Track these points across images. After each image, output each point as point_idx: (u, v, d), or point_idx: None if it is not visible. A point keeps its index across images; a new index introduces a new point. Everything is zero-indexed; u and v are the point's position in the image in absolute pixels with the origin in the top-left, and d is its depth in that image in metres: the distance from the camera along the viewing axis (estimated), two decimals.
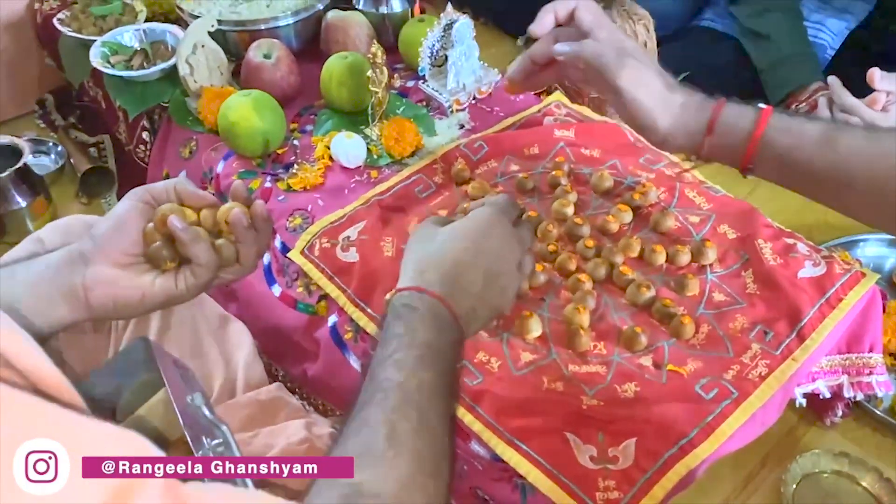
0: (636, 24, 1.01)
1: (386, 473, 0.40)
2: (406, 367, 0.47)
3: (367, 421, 0.43)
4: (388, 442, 0.41)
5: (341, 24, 1.05)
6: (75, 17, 1.14)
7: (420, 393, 0.45)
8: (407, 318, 0.51)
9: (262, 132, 0.92)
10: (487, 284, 0.56)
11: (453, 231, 0.58)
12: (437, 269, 0.55)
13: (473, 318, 0.55)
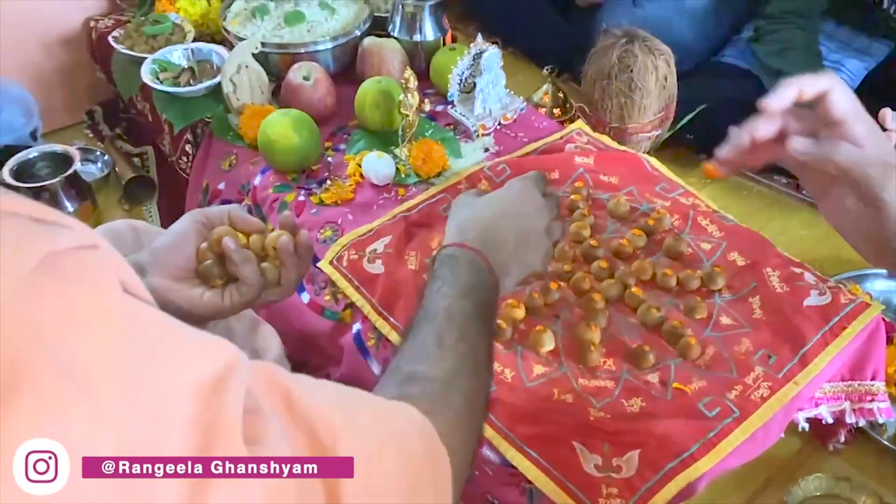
0: (657, 58, 1.05)
1: (434, 366, 0.49)
2: (449, 297, 0.56)
3: (419, 334, 0.52)
4: (436, 346, 0.51)
5: (377, 49, 1.11)
6: (129, 36, 1.22)
7: (462, 316, 0.54)
8: (450, 265, 0.59)
9: (298, 149, 0.98)
10: (518, 243, 0.64)
11: (490, 198, 0.68)
12: (475, 229, 0.63)
13: (507, 272, 0.63)
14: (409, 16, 1.15)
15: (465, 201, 0.69)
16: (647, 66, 1.04)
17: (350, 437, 0.34)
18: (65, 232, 0.27)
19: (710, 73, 1.33)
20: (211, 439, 0.29)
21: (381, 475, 0.36)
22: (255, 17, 1.16)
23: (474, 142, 1.06)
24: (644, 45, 1.05)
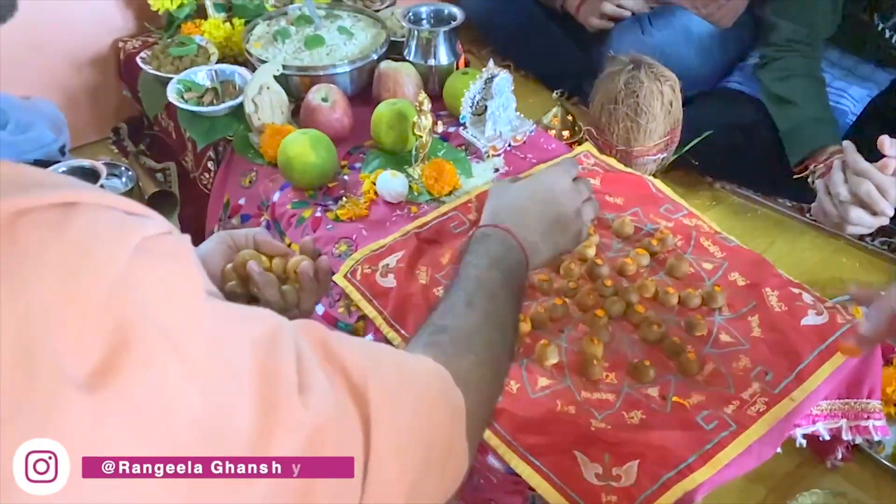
0: (663, 84, 1.09)
1: (461, 320, 0.56)
2: (481, 268, 0.62)
3: (451, 297, 0.59)
4: (465, 306, 0.57)
5: (392, 73, 1.16)
6: (155, 57, 1.27)
7: (490, 283, 0.61)
8: (483, 241, 0.66)
9: (316, 167, 1.02)
10: (549, 224, 0.72)
11: (522, 184, 0.76)
12: (507, 211, 0.71)
13: (537, 250, 0.70)
14: (424, 41, 1.20)
15: (500, 187, 0.76)
16: (653, 91, 1.08)
17: (376, 377, 0.39)
18: (150, 221, 0.32)
19: (717, 99, 1.37)
20: (272, 389, 0.33)
21: (403, 408, 0.41)
22: (276, 40, 1.21)
23: (485, 162, 1.10)
24: (650, 72, 1.09)
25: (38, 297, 0.27)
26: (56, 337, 0.27)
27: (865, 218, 1.01)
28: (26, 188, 0.28)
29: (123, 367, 0.28)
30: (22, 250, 0.27)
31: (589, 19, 1.55)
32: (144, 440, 0.29)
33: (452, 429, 0.45)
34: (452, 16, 1.23)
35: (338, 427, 0.36)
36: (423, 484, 0.41)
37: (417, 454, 0.40)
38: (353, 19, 1.28)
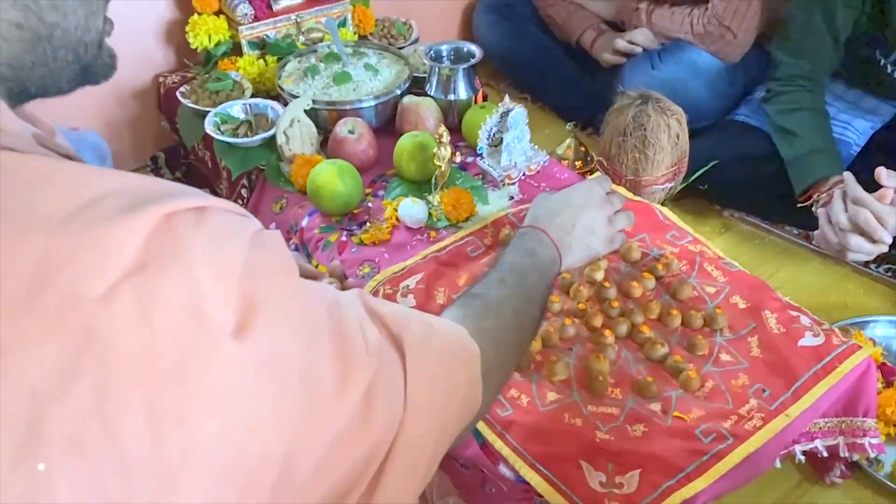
0: (669, 118, 1.15)
1: (493, 292, 0.66)
2: (515, 255, 0.74)
3: (486, 277, 0.69)
4: (498, 282, 0.68)
5: (414, 107, 1.24)
6: (194, 91, 1.36)
7: (522, 267, 0.72)
8: (520, 238, 0.79)
9: (342, 195, 1.09)
10: (581, 227, 0.83)
11: (560, 194, 0.88)
12: (545, 216, 0.83)
13: (570, 249, 0.81)
14: (445, 77, 1.27)
15: (542, 197, 0.89)
16: (660, 124, 1.14)
17: (408, 327, 0.49)
18: (252, 220, 0.41)
19: (724, 131, 1.42)
20: (345, 345, 0.43)
21: (430, 353, 0.49)
22: (306, 76, 1.29)
23: (500, 190, 1.16)
24: (657, 106, 1.15)
25: (197, 273, 0.35)
26: (214, 302, 0.35)
27: (865, 245, 1.06)
28: (170, 195, 0.36)
29: (254, 325, 0.36)
30: (180, 241, 0.35)
31: (602, 55, 1.62)
32: (269, 380, 0.37)
33: (469, 373, 0.54)
34: (471, 53, 1.31)
35: (388, 368, 0.45)
36: (446, 413, 0.50)
37: (442, 389, 0.50)
38: (379, 56, 1.36)
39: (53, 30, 0.43)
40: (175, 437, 0.34)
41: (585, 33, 1.67)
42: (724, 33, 1.43)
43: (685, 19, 1.48)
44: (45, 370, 0.32)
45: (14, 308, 0.32)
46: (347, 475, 0.42)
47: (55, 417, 0.32)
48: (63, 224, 0.33)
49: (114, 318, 0.33)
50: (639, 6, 1.56)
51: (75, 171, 0.37)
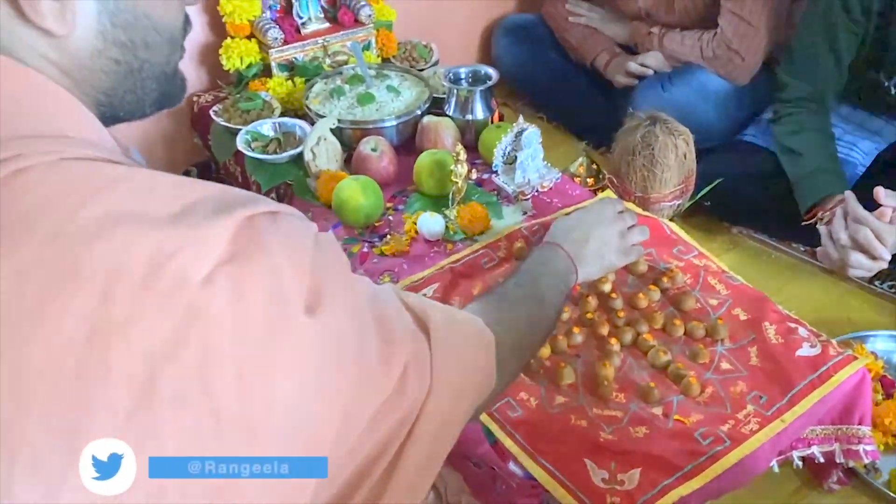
0: (677, 138, 1.20)
1: (509, 292, 0.74)
2: (531, 265, 0.83)
3: (505, 280, 0.78)
4: (514, 284, 0.76)
5: (434, 126, 1.30)
6: (226, 110, 1.44)
7: (536, 274, 0.80)
8: (537, 251, 0.88)
9: (365, 208, 1.16)
10: (594, 241, 0.90)
11: (575, 213, 0.98)
12: (561, 233, 0.91)
13: (585, 261, 0.88)
14: (463, 98, 1.34)
15: (558, 221, 0.97)
16: (668, 144, 1.19)
17: (432, 314, 0.56)
18: (313, 223, 0.48)
19: (733, 151, 1.47)
20: (386, 328, 0.50)
21: (451, 335, 0.56)
22: (332, 97, 1.37)
23: (514, 206, 1.22)
24: (665, 127, 1.20)
25: (276, 262, 0.42)
26: (290, 286, 0.42)
27: (864, 262, 1.10)
28: (251, 201, 0.44)
29: (321, 307, 0.44)
30: (261, 238, 0.42)
31: (616, 76, 1.68)
32: (331, 353, 0.45)
33: (485, 357, 0.61)
34: (488, 76, 1.38)
35: (418, 349, 0.53)
36: (464, 390, 0.57)
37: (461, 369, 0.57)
38: (401, 78, 1.43)
39: (143, 64, 0.51)
40: (258, 395, 0.41)
41: (600, 56, 1.73)
42: (733, 57, 1.49)
43: (695, 43, 1.54)
44: (158, 338, 0.39)
45: (134, 288, 0.39)
46: (384, 438, 0.49)
47: (165, 377, 0.39)
48: (170, 223, 0.41)
49: (212, 297, 0.40)
50: (651, 30, 1.62)
51: (173, 181, 0.44)
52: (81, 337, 0.38)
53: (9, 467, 0.37)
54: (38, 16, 0.44)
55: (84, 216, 0.40)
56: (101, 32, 0.47)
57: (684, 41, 1.56)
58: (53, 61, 0.46)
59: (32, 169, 0.41)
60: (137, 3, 0.49)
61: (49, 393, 0.37)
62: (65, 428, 0.38)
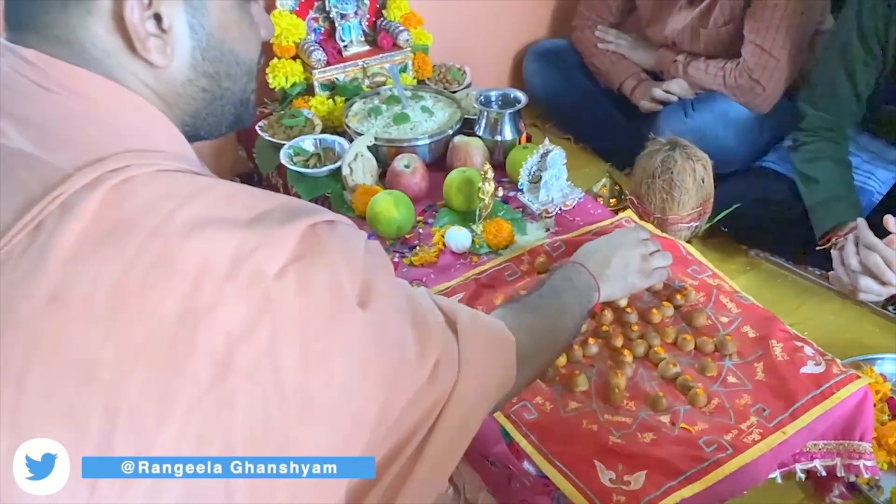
0: (695, 163, 1.26)
1: (532, 301, 0.83)
2: (554, 278, 0.90)
3: (531, 293, 0.86)
4: (537, 295, 0.85)
5: (464, 146, 1.38)
6: (271, 125, 1.54)
7: (559, 287, 0.88)
8: (562, 269, 0.94)
9: (396, 221, 1.24)
10: (616, 262, 0.97)
11: (601, 238, 1.05)
12: (584, 254, 0.98)
13: (607, 281, 0.95)
14: (493, 120, 1.42)
15: (586, 244, 1.03)
16: (686, 169, 1.25)
17: (460, 317, 0.63)
18: (363, 232, 0.55)
19: (752, 176, 1.52)
20: (422, 327, 0.57)
21: (477, 334, 0.63)
22: (370, 116, 1.45)
23: (538, 222, 1.29)
24: (684, 152, 1.26)
25: (337, 263, 0.50)
26: (346, 282, 0.50)
27: (874, 287, 1.14)
28: (313, 211, 0.51)
29: (371, 302, 0.52)
30: (322, 242, 0.50)
31: (641, 101, 1.75)
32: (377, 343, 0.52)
33: (505, 356, 0.68)
34: (517, 99, 1.45)
35: (448, 345, 0.60)
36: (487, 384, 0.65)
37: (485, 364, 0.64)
38: (434, 100, 1.52)
39: (225, 92, 0.59)
40: (316, 373, 0.48)
41: (626, 81, 1.80)
42: (754, 86, 1.54)
43: (718, 72, 1.59)
44: (237, 321, 0.46)
45: (219, 279, 0.46)
46: (416, 421, 0.57)
47: (241, 354, 0.46)
48: (249, 226, 0.48)
49: (283, 289, 0.47)
50: (676, 58, 1.68)
51: (248, 191, 0.52)
52: (175, 317, 0.45)
53: (110, 424, 0.44)
54: (145, 50, 0.52)
55: (179, 218, 0.47)
56: (193, 65, 0.55)
57: (708, 70, 1.62)
58: (152, 88, 0.54)
59: (137, 178, 0.48)
60: (224, 41, 0.57)
61: (147, 363, 0.45)
62: (158, 392, 0.45)
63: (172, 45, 0.53)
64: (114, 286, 0.45)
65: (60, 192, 0.46)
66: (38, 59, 0.51)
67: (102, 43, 0.52)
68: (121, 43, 0.52)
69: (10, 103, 0.51)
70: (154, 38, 0.52)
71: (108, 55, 0.52)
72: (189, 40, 0.54)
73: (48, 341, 0.44)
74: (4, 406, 0.43)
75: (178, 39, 0.54)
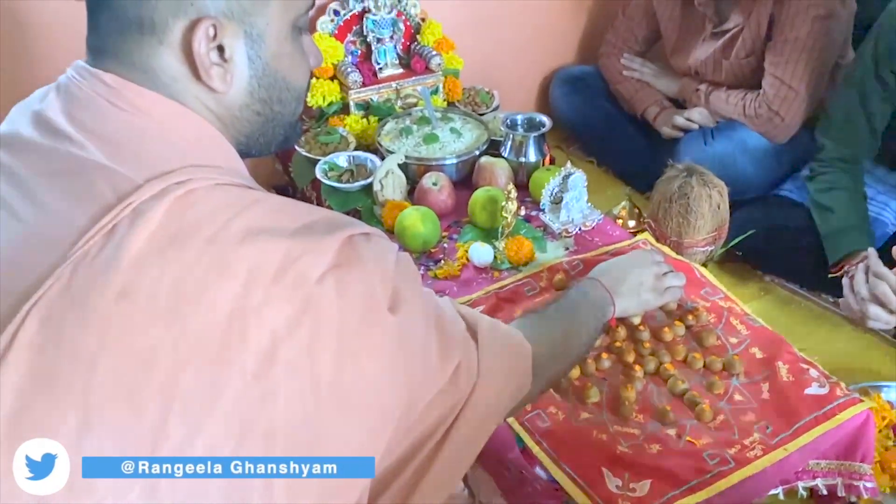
0: (711, 190, 1.31)
1: (549, 313, 0.88)
2: (572, 293, 0.96)
3: (548, 306, 0.92)
4: (554, 309, 0.90)
5: (489, 166, 1.45)
6: (307, 142, 1.61)
7: (575, 302, 0.94)
8: (579, 285, 1.00)
9: (423, 236, 1.30)
10: (631, 279, 1.02)
11: (618, 257, 1.10)
12: (600, 273, 1.02)
13: (621, 297, 0.99)
14: (518, 143, 1.48)
15: (602, 262, 1.07)
16: (702, 195, 1.30)
17: (481, 325, 0.68)
18: (394, 244, 0.61)
19: (768, 204, 1.57)
20: (444, 333, 0.63)
21: (496, 342, 0.69)
22: (401, 135, 1.53)
23: (558, 241, 1.35)
24: (701, 179, 1.31)
25: (371, 271, 0.56)
26: (379, 289, 0.56)
27: (882, 315, 1.18)
28: (351, 224, 0.57)
29: (400, 307, 0.57)
30: (359, 252, 0.55)
31: (663, 128, 1.80)
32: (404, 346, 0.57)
33: (522, 364, 0.73)
34: (542, 123, 1.52)
35: (469, 351, 0.65)
36: (503, 390, 0.69)
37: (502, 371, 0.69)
38: (463, 121, 1.59)
39: (276, 116, 0.64)
40: (349, 369, 0.53)
41: (649, 108, 1.85)
42: (773, 117, 1.59)
43: (739, 102, 1.65)
44: (281, 319, 0.51)
45: (267, 282, 0.51)
46: (436, 419, 0.62)
47: (283, 350, 0.51)
48: (295, 235, 0.54)
49: (323, 293, 0.52)
50: (698, 88, 1.74)
51: (294, 204, 0.58)
52: (227, 314, 0.50)
53: (166, 407, 0.49)
54: (208, 77, 0.58)
55: (233, 227, 0.53)
56: (249, 91, 0.61)
57: (729, 99, 1.67)
58: (212, 110, 0.61)
59: (197, 190, 0.54)
60: (278, 70, 0.63)
61: (201, 354, 0.50)
62: (210, 381, 0.50)
63: (232, 73, 0.60)
64: (175, 285, 0.50)
65: (132, 201, 0.52)
66: (114, 81, 0.58)
67: (171, 70, 0.58)
68: (187, 70, 0.58)
69: (90, 120, 0.57)
70: (216, 67, 0.59)
71: (175, 80, 0.59)
72: (247, 69, 0.61)
73: (116, 331, 0.49)
74: (78, 386, 0.49)
75: (238, 69, 0.60)
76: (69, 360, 0.49)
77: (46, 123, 0.58)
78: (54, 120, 0.58)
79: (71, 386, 0.49)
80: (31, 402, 0.49)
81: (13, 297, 0.50)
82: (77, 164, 0.55)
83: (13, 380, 0.48)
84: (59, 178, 0.55)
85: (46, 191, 0.55)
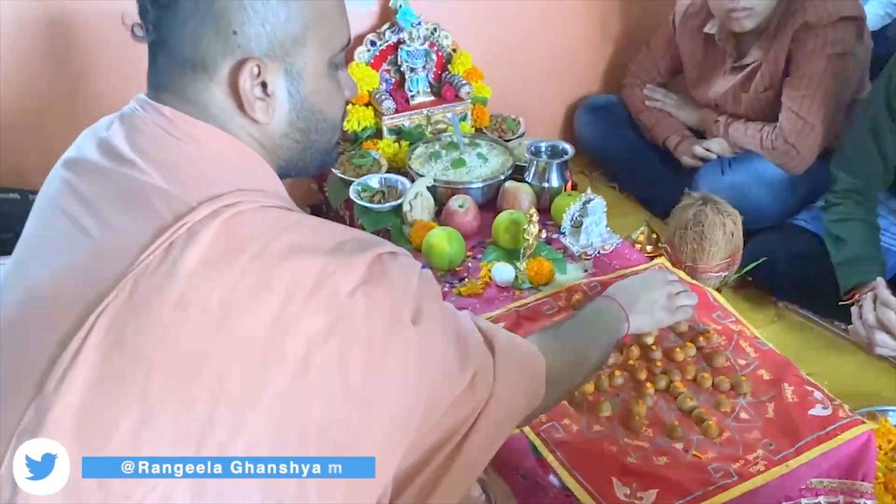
0: (725, 218, 1.37)
1: (564, 329, 0.93)
2: (587, 310, 1.00)
3: (564, 322, 0.96)
4: (570, 325, 0.95)
5: (513, 190, 1.52)
6: (342, 164, 1.70)
7: (591, 318, 0.98)
8: (595, 302, 1.04)
9: (448, 255, 1.38)
10: (644, 297, 1.05)
11: (632, 276, 1.16)
12: (615, 292, 1.05)
13: (636, 314, 1.02)
14: (541, 168, 1.56)
15: (617, 282, 1.12)
16: (716, 223, 1.36)
17: (497, 338, 0.73)
18: (415, 260, 0.66)
19: (784, 232, 1.61)
20: (463, 344, 0.68)
21: (511, 354, 0.73)
22: (431, 159, 1.61)
23: (577, 263, 1.41)
24: (715, 207, 1.37)
25: (396, 287, 0.61)
26: (403, 303, 0.61)
27: (889, 341, 1.22)
28: (379, 244, 0.62)
29: (421, 321, 0.61)
30: (386, 269, 0.60)
31: (683, 157, 1.86)
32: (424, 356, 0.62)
33: (536, 376, 0.78)
34: (565, 150, 1.59)
35: (485, 361, 0.70)
36: (517, 399, 0.74)
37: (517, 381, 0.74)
38: (489, 147, 1.67)
39: (314, 143, 0.70)
40: (374, 376, 0.58)
41: (671, 137, 1.92)
42: (789, 150, 1.64)
43: (756, 134, 1.70)
44: (316, 329, 0.56)
45: (305, 295, 0.56)
46: (453, 426, 0.67)
47: (317, 356, 0.56)
48: (329, 253, 0.59)
49: (353, 307, 0.57)
50: (718, 119, 1.80)
51: (330, 225, 0.64)
52: (269, 323, 0.55)
53: (213, 405, 0.55)
54: (252, 110, 0.64)
55: (276, 245, 0.58)
56: (289, 122, 0.67)
57: (747, 131, 1.73)
58: (256, 139, 0.66)
59: (245, 212, 0.60)
60: (315, 103, 0.68)
61: (245, 358, 0.55)
62: (252, 382, 0.55)
63: (274, 106, 0.65)
64: (224, 296, 0.56)
65: (187, 221, 0.58)
66: (171, 113, 0.64)
67: (220, 103, 0.64)
68: (234, 104, 0.64)
69: (150, 148, 0.64)
70: (260, 101, 0.64)
71: (223, 112, 0.65)
72: (287, 103, 0.66)
73: (172, 337, 0.55)
74: (138, 385, 0.55)
75: (279, 102, 0.66)
76: (129, 363, 0.55)
77: (111, 149, 0.64)
78: (118, 147, 0.64)
79: (132, 385, 0.55)
80: (97, 400, 0.55)
81: (82, 306, 0.56)
82: (138, 187, 0.61)
83: (81, 380, 0.55)
84: (122, 199, 0.61)
85: (111, 210, 0.61)
